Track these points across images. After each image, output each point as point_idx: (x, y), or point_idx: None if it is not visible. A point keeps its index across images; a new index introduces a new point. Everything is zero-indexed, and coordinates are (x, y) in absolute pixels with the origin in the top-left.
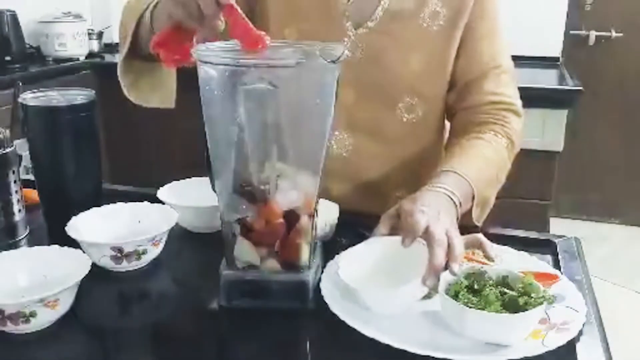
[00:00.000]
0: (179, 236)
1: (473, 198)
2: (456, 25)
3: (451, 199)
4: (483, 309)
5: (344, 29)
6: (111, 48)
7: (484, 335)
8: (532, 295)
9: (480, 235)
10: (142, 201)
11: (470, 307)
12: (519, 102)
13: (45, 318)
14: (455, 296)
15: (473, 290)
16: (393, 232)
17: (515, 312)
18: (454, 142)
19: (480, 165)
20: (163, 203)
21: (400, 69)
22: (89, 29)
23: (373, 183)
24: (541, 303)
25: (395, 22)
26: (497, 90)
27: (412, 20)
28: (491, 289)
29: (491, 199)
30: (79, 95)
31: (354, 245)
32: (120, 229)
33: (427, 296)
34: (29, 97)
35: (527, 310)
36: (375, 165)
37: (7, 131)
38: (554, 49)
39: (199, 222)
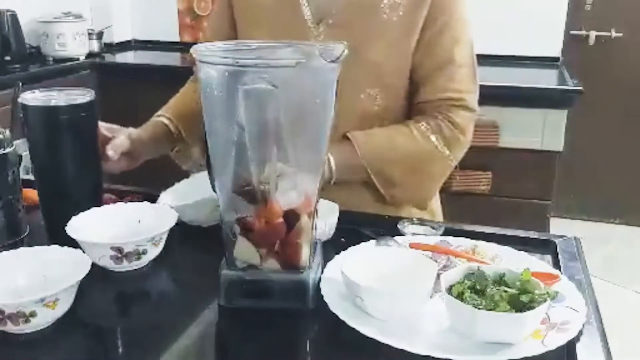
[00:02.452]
0: (179, 236)
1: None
2: (415, 16)
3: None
4: (492, 310)
5: (306, 25)
6: (111, 48)
7: (495, 336)
8: (535, 292)
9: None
10: (142, 201)
11: (480, 309)
12: (471, 97)
13: (45, 318)
14: (459, 297)
15: (475, 290)
16: None
17: (521, 310)
18: None
19: (381, 144)
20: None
21: (362, 61)
22: (89, 29)
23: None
24: (545, 300)
25: (356, 15)
26: (448, 86)
27: (372, 12)
28: (493, 289)
29: (400, 182)
30: (79, 95)
31: (354, 245)
32: (120, 229)
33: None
34: (29, 97)
35: (533, 307)
36: None
37: (7, 131)
38: (554, 49)
39: (201, 215)
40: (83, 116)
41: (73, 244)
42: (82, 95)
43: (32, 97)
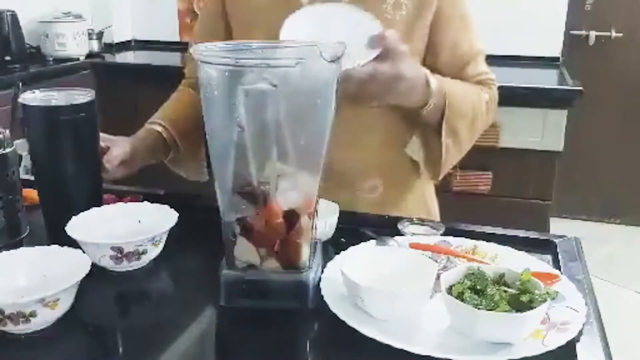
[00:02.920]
0: (179, 236)
1: (444, 105)
2: (419, 16)
3: (427, 79)
4: (492, 310)
5: None
6: (111, 48)
7: (495, 336)
8: (535, 292)
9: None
10: (142, 201)
11: (480, 309)
12: (492, 74)
13: (45, 318)
14: (459, 297)
15: (475, 290)
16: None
17: (520, 310)
18: None
19: (458, 91)
20: (164, 203)
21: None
22: (89, 29)
23: (344, 173)
24: (545, 300)
25: None
26: (476, 72)
27: (374, 11)
28: (493, 289)
29: (460, 135)
30: (79, 95)
31: (354, 245)
32: (120, 229)
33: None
34: (29, 97)
35: (533, 307)
36: (347, 155)
37: (7, 131)
38: (554, 49)
39: None
40: (83, 116)
41: (73, 244)
42: (82, 95)
43: (32, 97)
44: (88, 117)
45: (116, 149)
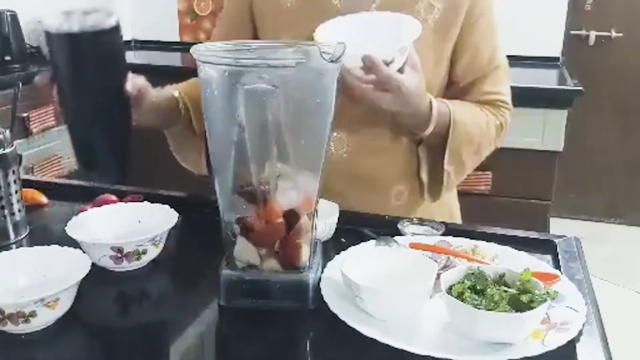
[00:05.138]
0: (179, 236)
1: (447, 133)
2: (451, 20)
3: (430, 100)
4: (492, 310)
5: None
6: None
7: (495, 336)
8: (535, 292)
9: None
10: (142, 201)
11: (480, 309)
12: (509, 97)
13: (45, 318)
14: (459, 297)
15: (475, 290)
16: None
17: (520, 310)
18: None
19: (466, 115)
20: (164, 203)
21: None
22: None
23: (373, 180)
24: (545, 300)
25: None
26: (493, 90)
27: (407, 14)
28: (493, 289)
29: (465, 163)
30: (101, 18)
31: (354, 245)
32: (120, 229)
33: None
34: (53, 25)
35: (533, 307)
36: (375, 161)
37: (7, 131)
38: (554, 49)
39: None
40: (108, 41)
41: (73, 244)
42: (105, 19)
43: (56, 25)
44: (113, 41)
45: (139, 79)
